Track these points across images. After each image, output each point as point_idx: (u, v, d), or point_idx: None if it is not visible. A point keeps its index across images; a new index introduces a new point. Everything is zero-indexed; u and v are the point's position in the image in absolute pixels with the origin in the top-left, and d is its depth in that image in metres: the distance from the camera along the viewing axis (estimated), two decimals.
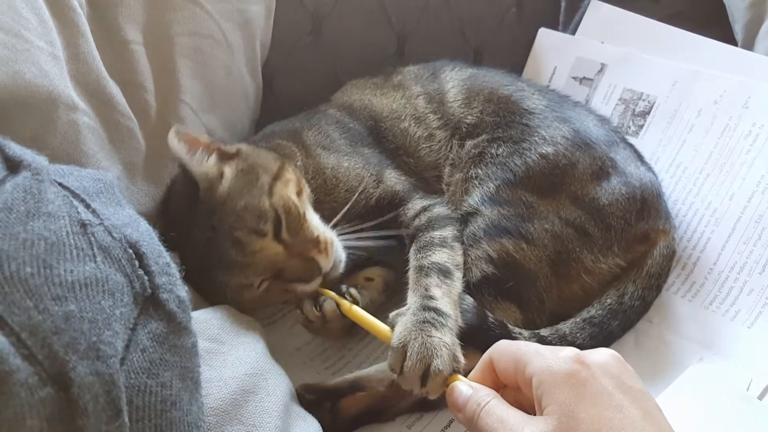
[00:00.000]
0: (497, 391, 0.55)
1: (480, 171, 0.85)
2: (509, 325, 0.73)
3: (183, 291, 0.47)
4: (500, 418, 0.50)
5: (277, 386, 0.61)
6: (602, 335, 0.78)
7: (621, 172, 0.85)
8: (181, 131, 0.72)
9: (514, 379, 0.54)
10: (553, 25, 1.21)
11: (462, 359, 0.63)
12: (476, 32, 1.21)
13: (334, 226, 0.80)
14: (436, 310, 0.67)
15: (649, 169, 0.91)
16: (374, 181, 0.87)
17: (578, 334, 0.77)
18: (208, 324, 0.63)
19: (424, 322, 0.65)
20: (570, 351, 0.51)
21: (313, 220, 0.77)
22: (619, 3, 1.14)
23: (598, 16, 1.15)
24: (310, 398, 0.70)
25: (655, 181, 0.88)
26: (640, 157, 0.92)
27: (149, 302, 0.44)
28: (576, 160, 0.84)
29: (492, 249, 0.78)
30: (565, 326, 0.78)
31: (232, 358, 0.60)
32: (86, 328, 0.38)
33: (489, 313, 0.73)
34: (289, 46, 1.08)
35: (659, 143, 1.00)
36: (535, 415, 0.50)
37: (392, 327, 0.66)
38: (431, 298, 0.69)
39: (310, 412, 0.67)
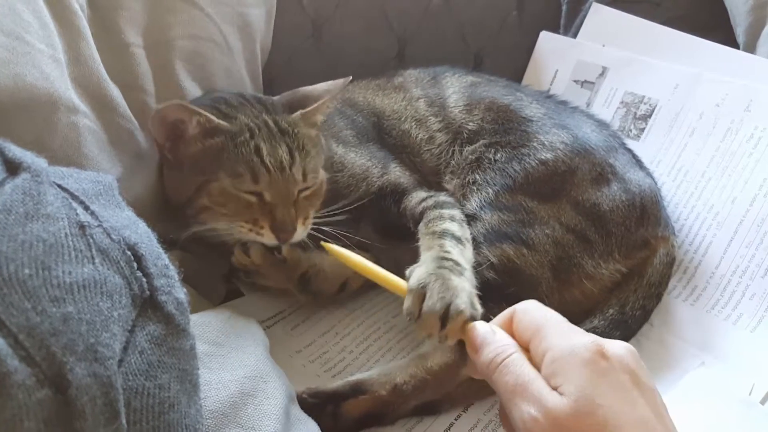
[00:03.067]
0: None
1: (478, 176, 0.85)
2: None
3: (182, 293, 0.47)
4: (521, 380, 0.49)
5: (276, 389, 0.61)
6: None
7: (620, 178, 0.85)
8: None
9: (527, 342, 0.53)
10: (554, 29, 1.22)
11: (480, 308, 0.63)
12: (477, 36, 1.21)
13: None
14: (454, 261, 0.68)
15: (648, 174, 0.91)
16: (379, 171, 0.88)
17: None
18: (207, 327, 0.63)
19: (442, 267, 0.65)
20: (591, 338, 0.50)
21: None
22: (621, 6, 1.14)
23: (599, 19, 1.15)
24: (312, 402, 0.69)
25: (654, 187, 0.88)
26: (639, 162, 0.92)
27: (147, 304, 0.44)
28: (575, 166, 0.84)
29: (493, 254, 0.78)
30: None
31: (231, 360, 0.60)
32: (84, 330, 0.38)
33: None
34: (289, 50, 1.08)
35: (661, 147, 1.00)
36: None
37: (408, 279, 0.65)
38: (447, 251, 0.70)
39: (311, 415, 0.66)
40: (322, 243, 0.74)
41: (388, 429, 0.72)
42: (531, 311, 0.55)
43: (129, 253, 0.45)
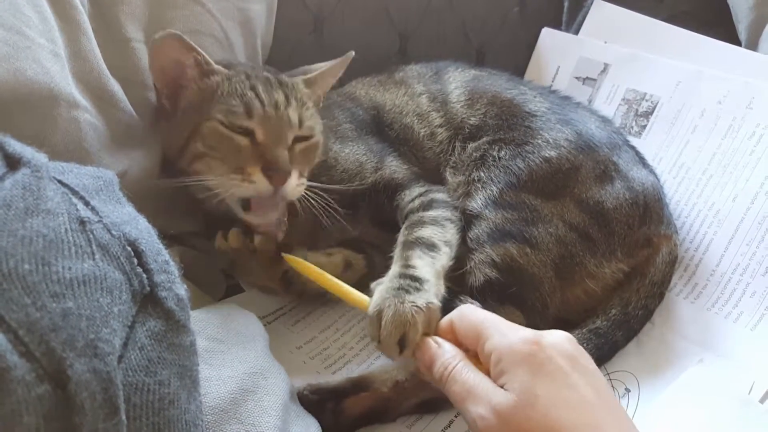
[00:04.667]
0: None
1: (482, 174, 0.85)
2: None
3: (182, 289, 0.47)
4: (467, 385, 0.53)
5: (276, 385, 0.61)
6: (607, 346, 0.79)
7: (624, 176, 0.85)
8: None
9: (473, 347, 0.56)
10: (556, 25, 1.21)
11: (436, 322, 0.63)
12: (479, 32, 1.21)
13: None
14: (412, 277, 0.67)
15: (651, 172, 0.91)
16: (372, 167, 0.88)
17: (584, 345, 0.76)
18: (207, 323, 0.63)
19: (398, 288, 0.65)
20: (528, 332, 0.54)
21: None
22: (623, 3, 1.14)
23: (601, 15, 1.15)
24: (313, 398, 0.69)
25: (657, 185, 0.88)
26: (642, 159, 0.92)
27: (148, 300, 0.44)
28: (579, 163, 0.84)
29: (496, 253, 0.78)
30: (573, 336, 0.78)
31: (231, 356, 0.60)
32: (84, 326, 0.38)
33: None
34: (290, 45, 1.08)
35: (662, 144, 0.99)
36: None
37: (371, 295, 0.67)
38: (410, 266, 0.70)
39: (312, 412, 0.67)
40: (284, 255, 0.75)
41: (389, 426, 0.72)
42: (467, 315, 0.59)
43: (129, 248, 0.45)
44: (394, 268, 0.70)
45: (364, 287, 0.90)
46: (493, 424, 0.49)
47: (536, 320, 0.77)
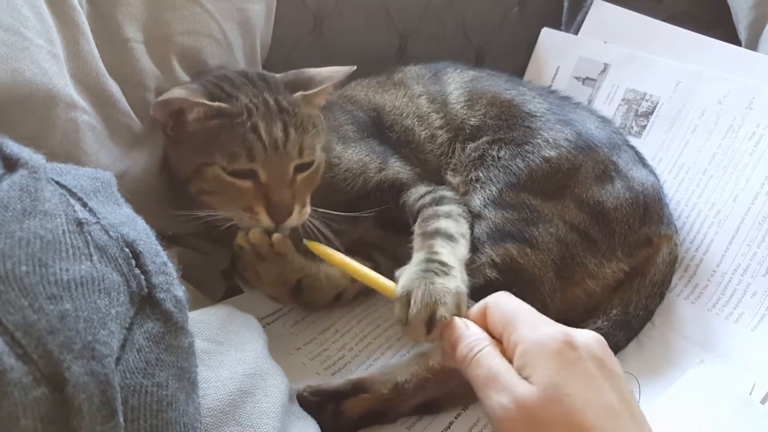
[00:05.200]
0: None
1: (481, 174, 0.85)
2: None
3: (180, 291, 0.46)
4: (491, 371, 0.52)
5: (275, 387, 0.61)
6: (609, 345, 0.78)
7: (624, 175, 0.85)
8: None
9: (499, 335, 0.55)
10: (556, 25, 1.21)
11: (465, 308, 0.62)
12: (478, 32, 1.21)
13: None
14: (440, 262, 0.67)
15: (651, 172, 0.91)
16: (377, 167, 0.88)
17: None
18: (206, 324, 0.63)
19: (427, 270, 0.65)
20: (559, 328, 0.53)
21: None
22: (623, 3, 1.14)
23: (601, 15, 1.15)
24: (313, 400, 0.69)
25: (657, 185, 0.88)
26: (642, 159, 0.92)
27: (146, 302, 0.43)
28: (579, 163, 0.84)
29: (496, 254, 0.78)
30: None
31: (230, 358, 0.60)
32: (81, 328, 0.38)
33: None
34: (289, 45, 1.08)
35: (662, 144, 0.99)
36: None
37: (396, 282, 0.66)
38: (435, 252, 0.70)
39: (311, 414, 0.66)
40: (306, 241, 0.75)
41: (389, 427, 0.71)
42: (501, 304, 0.57)
43: (127, 250, 0.45)
44: (419, 255, 0.70)
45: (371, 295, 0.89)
46: (514, 415, 0.48)
47: None
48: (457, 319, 0.59)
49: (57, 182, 0.45)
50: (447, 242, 0.73)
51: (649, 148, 0.98)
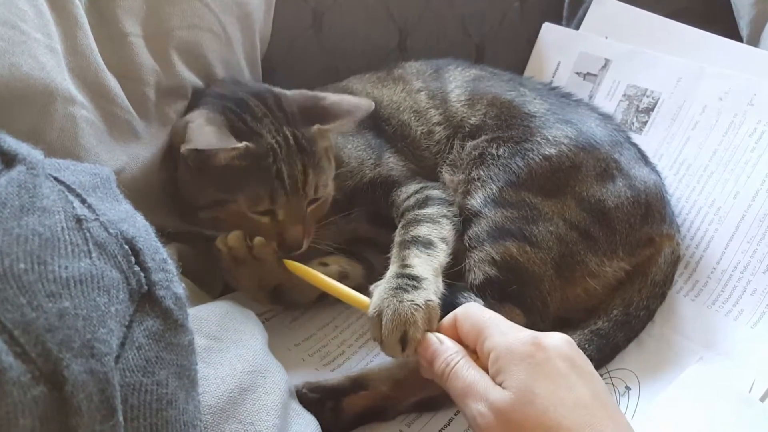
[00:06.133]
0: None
1: (482, 172, 0.85)
2: None
3: (180, 288, 0.46)
4: (467, 382, 0.54)
5: (275, 384, 0.61)
6: (609, 347, 0.79)
7: (625, 174, 0.84)
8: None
9: (473, 344, 0.57)
10: (557, 20, 1.21)
11: (436, 320, 0.63)
12: (479, 28, 1.20)
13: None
14: (410, 276, 0.68)
15: (653, 170, 0.90)
16: (372, 163, 0.88)
17: (586, 346, 0.77)
18: (205, 321, 0.62)
19: (396, 288, 0.66)
20: (528, 333, 0.55)
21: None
22: None
23: (602, 11, 1.14)
24: (312, 397, 0.69)
25: (659, 184, 0.88)
26: (644, 157, 0.92)
27: (145, 299, 0.43)
28: (580, 161, 0.83)
29: (495, 252, 0.78)
30: (574, 337, 0.77)
31: (230, 355, 0.60)
32: (81, 326, 0.38)
33: None
34: (289, 40, 1.07)
35: (663, 140, 0.99)
36: None
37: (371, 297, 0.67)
38: (407, 266, 0.70)
39: (310, 410, 0.66)
40: (285, 261, 0.76)
41: (387, 424, 0.71)
42: (471, 315, 0.59)
43: (126, 247, 0.44)
44: (392, 269, 0.71)
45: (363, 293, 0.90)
46: (491, 421, 0.50)
47: (536, 318, 0.76)
48: (429, 335, 0.61)
49: (55, 178, 0.45)
50: (423, 251, 0.73)
51: (650, 145, 0.98)
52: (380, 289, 0.67)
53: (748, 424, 0.70)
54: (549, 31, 1.18)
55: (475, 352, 0.57)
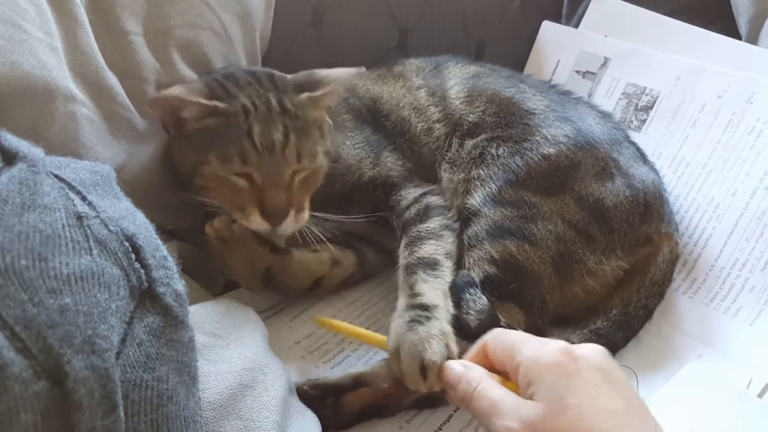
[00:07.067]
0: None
1: (482, 172, 0.85)
2: (519, 330, 0.73)
3: (180, 285, 0.46)
4: (493, 401, 0.52)
5: (275, 381, 0.61)
6: (608, 347, 0.78)
7: (624, 173, 0.84)
8: None
9: (504, 367, 0.56)
10: (557, 18, 1.21)
11: (454, 346, 0.64)
12: (479, 26, 1.20)
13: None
14: (421, 306, 0.68)
15: (652, 168, 0.90)
16: (371, 162, 0.88)
17: None
18: (206, 318, 0.63)
19: (410, 321, 0.66)
20: (559, 343, 0.54)
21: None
22: None
23: (601, 9, 1.15)
24: (313, 394, 0.69)
25: (658, 183, 0.88)
26: (642, 155, 0.92)
27: (146, 296, 0.44)
28: (579, 160, 0.83)
29: (495, 250, 0.78)
30: (574, 337, 0.78)
31: (230, 352, 0.60)
32: (81, 322, 0.38)
33: (501, 316, 0.74)
34: (289, 38, 1.07)
35: (662, 138, 0.99)
36: None
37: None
38: (416, 295, 0.70)
39: (311, 407, 0.67)
40: (314, 317, 0.77)
41: (387, 421, 0.72)
42: (500, 338, 0.59)
43: (127, 244, 0.45)
44: (402, 300, 0.71)
45: (354, 285, 0.91)
46: None
47: (536, 317, 0.77)
48: (452, 362, 0.60)
49: (56, 176, 0.45)
50: (429, 274, 0.73)
51: (649, 143, 0.98)
52: (395, 324, 0.67)
53: (745, 421, 0.70)
54: (548, 30, 1.18)
55: (506, 375, 0.56)
